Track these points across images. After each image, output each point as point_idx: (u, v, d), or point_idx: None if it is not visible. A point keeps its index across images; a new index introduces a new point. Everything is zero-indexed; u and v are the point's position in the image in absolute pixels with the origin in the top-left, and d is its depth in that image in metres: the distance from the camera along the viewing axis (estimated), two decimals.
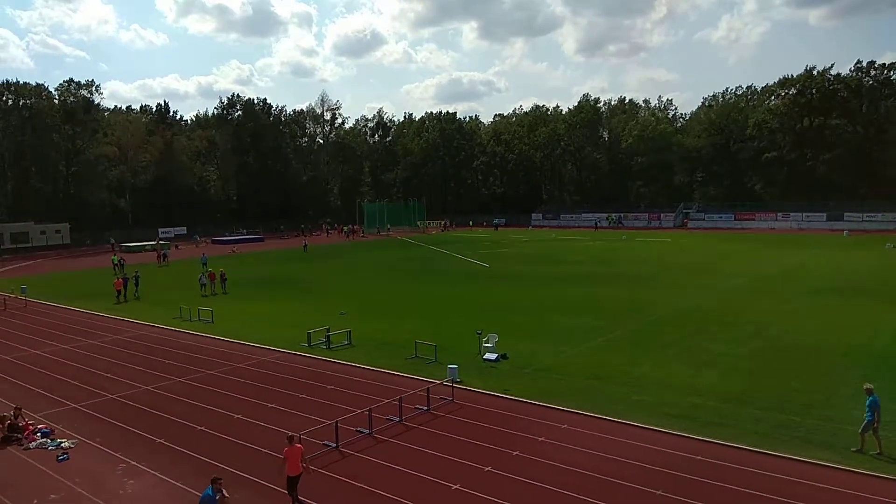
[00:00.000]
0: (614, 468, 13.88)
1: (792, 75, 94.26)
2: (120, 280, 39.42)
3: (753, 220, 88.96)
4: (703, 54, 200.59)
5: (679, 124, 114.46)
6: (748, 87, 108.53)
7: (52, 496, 13.51)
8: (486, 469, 14.07)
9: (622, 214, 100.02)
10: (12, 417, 16.88)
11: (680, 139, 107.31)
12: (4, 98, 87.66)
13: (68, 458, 15.37)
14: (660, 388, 19.02)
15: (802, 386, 18.88)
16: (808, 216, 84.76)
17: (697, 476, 13.39)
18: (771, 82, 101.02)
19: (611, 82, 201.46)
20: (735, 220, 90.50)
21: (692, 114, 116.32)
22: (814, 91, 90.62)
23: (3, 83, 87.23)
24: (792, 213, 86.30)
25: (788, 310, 30.17)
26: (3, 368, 23.94)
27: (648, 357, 22.56)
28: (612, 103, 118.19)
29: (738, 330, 26.33)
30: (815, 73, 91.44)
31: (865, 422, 14.24)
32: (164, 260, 58.63)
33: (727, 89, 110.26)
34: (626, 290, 37.23)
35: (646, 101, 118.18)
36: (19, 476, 14.54)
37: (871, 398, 14.31)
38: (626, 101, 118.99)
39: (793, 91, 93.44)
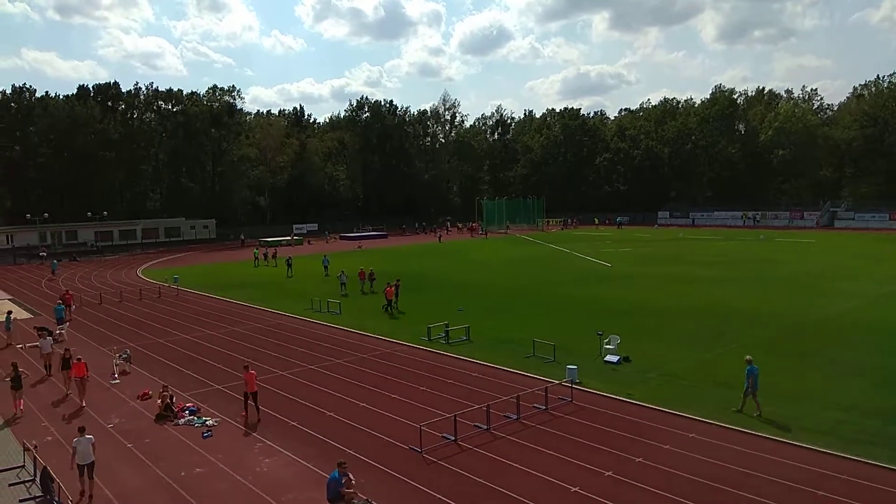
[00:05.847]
0: (745, 482, 13.11)
1: None
2: (392, 288, 34.04)
3: None
4: (861, 38, 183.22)
5: (826, 115, 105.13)
6: None
7: (198, 470, 14.79)
8: (607, 474, 13.77)
9: (759, 212, 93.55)
10: (169, 397, 18.62)
11: (826, 131, 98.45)
12: (162, 105, 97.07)
13: (212, 436, 16.77)
14: (796, 400, 17.70)
15: None
16: None
17: (840, 496, 12.36)
18: None
19: (754, 71, 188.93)
20: (890, 220, 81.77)
21: (841, 104, 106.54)
22: None
23: (163, 91, 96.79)
24: None
25: None
26: (158, 350, 26.53)
27: (785, 366, 21.03)
28: (750, 94, 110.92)
29: (891, 341, 23.93)
30: None
31: (745, 387, 16.81)
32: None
33: (879, 76, 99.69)
34: (761, 293, 34.90)
35: (787, 92, 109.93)
36: (170, 450, 16.03)
37: (749, 367, 16.74)
38: (766, 91, 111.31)
39: None
